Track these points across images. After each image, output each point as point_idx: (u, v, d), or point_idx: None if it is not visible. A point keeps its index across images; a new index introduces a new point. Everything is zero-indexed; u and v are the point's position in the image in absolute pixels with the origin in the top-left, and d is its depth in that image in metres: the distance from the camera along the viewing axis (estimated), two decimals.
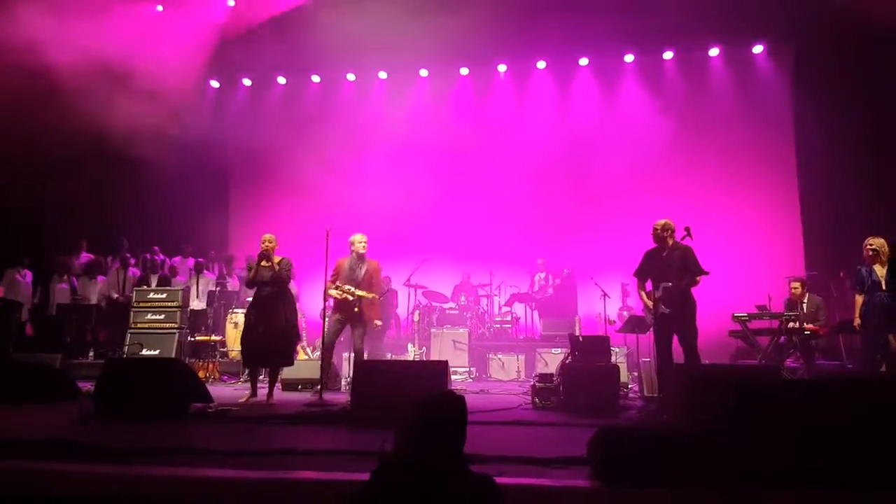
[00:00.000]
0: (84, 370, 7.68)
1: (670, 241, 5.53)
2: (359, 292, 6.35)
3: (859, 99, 9.25)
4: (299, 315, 9.34)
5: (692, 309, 5.39)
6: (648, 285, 5.64)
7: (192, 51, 10.02)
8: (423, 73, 11.75)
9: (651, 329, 5.64)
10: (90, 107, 8.47)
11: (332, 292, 6.35)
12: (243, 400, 5.84)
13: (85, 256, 10.20)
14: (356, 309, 6.34)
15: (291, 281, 9.97)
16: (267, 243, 6.26)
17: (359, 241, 6.62)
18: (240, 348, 6.49)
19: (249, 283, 6.40)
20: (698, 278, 5.35)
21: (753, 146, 10.58)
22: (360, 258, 6.58)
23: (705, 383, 4.19)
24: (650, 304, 5.49)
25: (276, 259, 6.29)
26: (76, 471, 3.04)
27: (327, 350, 6.34)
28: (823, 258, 9.42)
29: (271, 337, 6.01)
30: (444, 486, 1.88)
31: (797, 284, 7.63)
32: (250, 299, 8.68)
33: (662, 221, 5.60)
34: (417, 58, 11.10)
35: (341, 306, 6.41)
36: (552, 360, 8.00)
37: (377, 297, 6.63)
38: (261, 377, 6.21)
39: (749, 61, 10.93)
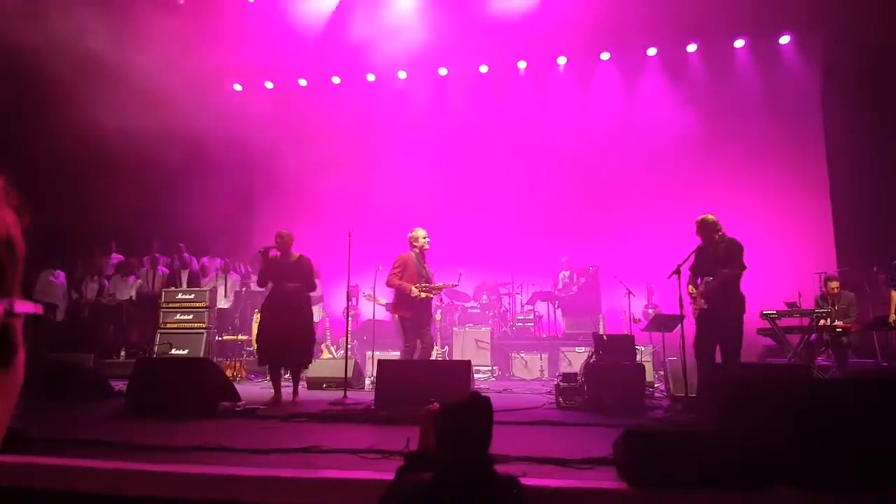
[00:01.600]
0: (116, 369, 7.86)
1: (716, 236, 5.42)
2: (440, 284, 6.32)
3: (891, 91, 8.98)
4: (323, 315, 9.46)
5: (737, 307, 5.22)
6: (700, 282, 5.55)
7: (214, 49, 10.10)
8: (443, 71, 11.74)
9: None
10: (114, 106, 8.63)
11: (419, 293, 6.07)
12: (269, 400, 5.88)
13: (115, 257, 10.43)
14: (438, 302, 6.30)
15: (317, 280, 10.04)
16: (279, 239, 6.13)
17: (423, 236, 6.36)
18: (256, 346, 6.43)
19: (262, 282, 6.24)
20: (739, 272, 5.23)
21: (782, 140, 10.36)
22: (424, 254, 6.38)
23: (734, 383, 4.13)
24: (694, 295, 5.40)
25: (295, 256, 6.20)
26: (107, 468, 3.11)
27: (411, 356, 6.17)
28: (855, 253, 9.21)
29: (295, 336, 5.95)
30: (470, 487, 1.89)
31: (835, 284, 7.42)
32: None
33: (704, 217, 5.48)
34: (436, 57, 11.10)
35: (417, 305, 6.13)
36: (576, 358, 7.95)
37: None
38: (285, 376, 6.24)
39: (776, 53, 10.69)
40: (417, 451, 2.02)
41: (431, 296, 6.26)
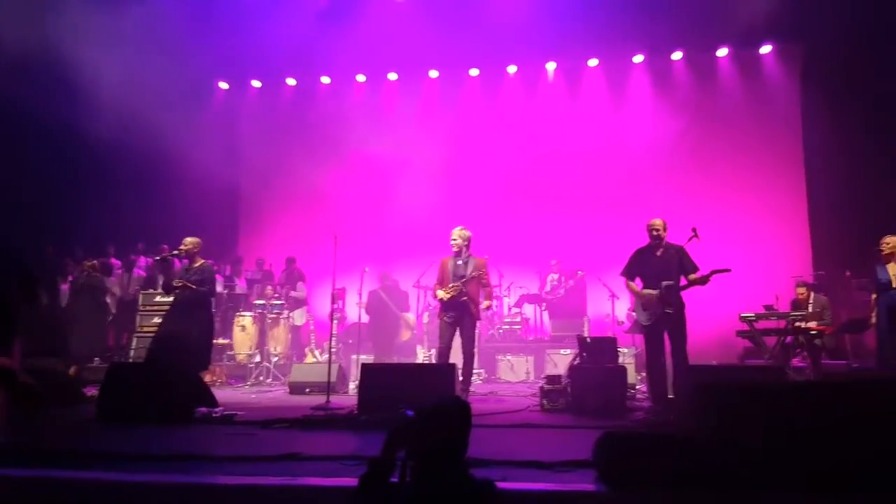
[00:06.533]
0: (90, 374, 7.71)
1: (664, 240, 5.61)
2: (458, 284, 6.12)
3: (868, 98, 9.15)
4: (308, 318, 9.41)
5: (684, 309, 5.48)
6: (638, 284, 5.65)
7: (201, 51, 9.99)
8: (434, 73, 11.74)
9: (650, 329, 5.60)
10: (92, 105, 8.52)
11: (440, 294, 6.23)
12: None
13: (114, 262, 10.19)
14: (464, 299, 6.07)
15: (302, 283, 9.97)
16: (183, 246, 6.36)
17: (452, 236, 6.40)
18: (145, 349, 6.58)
19: (168, 287, 6.38)
20: (709, 276, 5.34)
21: (762, 146, 10.53)
22: (460, 254, 6.37)
23: (711, 385, 4.15)
24: (652, 298, 5.46)
25: (198, 262, 6.37)
26: (81, 478, 3.03)
27: (444, 356, 6.18)
28: (831, 257, 9.36)
29: (191, 340, 6.07)
30: (443, 493, 1.87)
31: (802, 289, 7.84)
32: (261, 302, 8.74)
33: (660, 220, 5.65)
34: (425, 59, 11.14)
35: (450, 306, 6.19)
36: (561, 360, 7.99)
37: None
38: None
39: (757, 62, 10.88)
40: (381, 457, 1.96)
41: (456, 293, 6.15)
